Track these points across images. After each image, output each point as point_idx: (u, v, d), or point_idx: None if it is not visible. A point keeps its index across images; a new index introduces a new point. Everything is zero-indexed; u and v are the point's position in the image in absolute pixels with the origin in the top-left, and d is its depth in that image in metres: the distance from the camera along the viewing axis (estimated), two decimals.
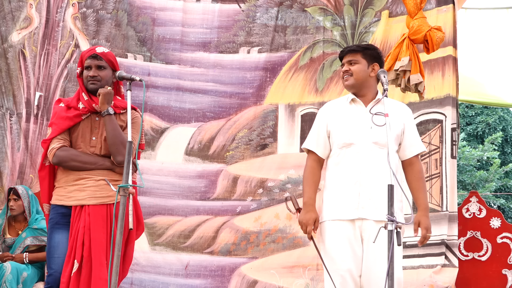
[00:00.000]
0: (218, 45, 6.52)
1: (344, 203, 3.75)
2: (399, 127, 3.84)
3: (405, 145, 3.87)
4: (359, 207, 3.70)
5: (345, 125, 3.83)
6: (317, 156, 3.94)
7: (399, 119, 3.86)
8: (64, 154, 3.96)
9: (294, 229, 6.15)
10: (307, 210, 3.83)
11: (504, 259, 5.90)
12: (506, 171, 15.66)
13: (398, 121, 3.84)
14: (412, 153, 3.88)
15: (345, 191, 3.76)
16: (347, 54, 3.92)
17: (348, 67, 3.89)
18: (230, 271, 6.16)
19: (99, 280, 3.78)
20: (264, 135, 6.40)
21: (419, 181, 3.86)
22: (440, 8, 6.07)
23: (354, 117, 3.84)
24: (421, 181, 3.87)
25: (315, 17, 6.46)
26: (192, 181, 6.35)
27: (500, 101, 8.07)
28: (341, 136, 3.84)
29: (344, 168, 3.81)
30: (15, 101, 6.11)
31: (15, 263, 5.48)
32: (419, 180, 3.87)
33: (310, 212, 3.81)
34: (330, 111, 3.96)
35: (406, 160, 3.89)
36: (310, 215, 3.80)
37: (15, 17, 6.19)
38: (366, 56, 3.90)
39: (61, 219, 3.97)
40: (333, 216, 3.78)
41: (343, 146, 3.82)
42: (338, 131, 3.86)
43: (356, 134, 3.79)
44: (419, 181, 3.86)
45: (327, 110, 3.99)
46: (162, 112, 6.42)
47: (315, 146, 3.95)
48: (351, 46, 4.02)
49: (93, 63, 4.02)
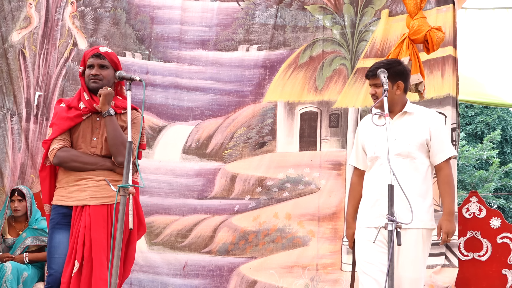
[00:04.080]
0: (217, 43, 6.51)
1: (369, 212, 4.01)
2: (424, 135, 4.00)
3: (434, 151, 4.03)
4: (380, 215, 3.89)
5: (372, 139, 4.07)
6: (359, 170, 4.25)
7: (425, 126, 4.02)
8: (64, 155, 3.98)
9: (293, 229, 6.14)
10: (347, 226, 4.27)
11: (504, 259, 5.90)
12: (505, 171, 15.69)
13: (423, 128, 4.01)
14: (440, 159, 4.03)
15: (370, 200, 4.03)
16: (371, 78, 4.06)
17: (374, 90, 4.06)
18: (229, 271, 6.15)
19: (100, 280, 3.80)
20: (262, 133, 6.38)
21: (445, 185, 4.03)
22: (440, 8, 6.06)
23: (380, 131, 3.96)
24: (447, 186, 4.03)
25: (315, 16, 6.45)
26: (190, 179, 6.33)
27: (500, 101, 8.08)
28: (369, 150, 4.10)
29: (371, 179, 4.06)
30: (16, 101, 6.10)
31: (15, 263, 5.49)
32: (446, 185, 4.03)
33: (348, 229, 4.24)
34: (364, 125, 4.22)
35: (436, 166, 4.06)
36: (348, 232, 4.24)
37: (15, 17, 6.18)
38: (389, 77, 3.97)
39: (62, 219, 4.00)
40: (361, 223, 4.08)
41: (372, 160, 4.07)
42: (367, 145, 4.13)
43: (380, 147, 3.97)
44: (445, 186, 4.03)
45: (362, 124, 4.27)
46: (160, 110, 6.40)
47: (355, 161, 4.27)
48: (372, 69, 4.08)
49: (95, 62, 4.06)
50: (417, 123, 4.02)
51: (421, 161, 3.98)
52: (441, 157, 4.01)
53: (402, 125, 4.04)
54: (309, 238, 6.10)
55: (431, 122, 4.04)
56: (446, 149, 4.03)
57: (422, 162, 3.99)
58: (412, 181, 3.93)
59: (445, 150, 4.02)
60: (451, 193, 4.02)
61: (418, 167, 3.97)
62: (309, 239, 6.10)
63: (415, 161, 3.96)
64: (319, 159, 6.26)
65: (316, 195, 6.20)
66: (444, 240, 3.97)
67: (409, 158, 3.94)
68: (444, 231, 3.96)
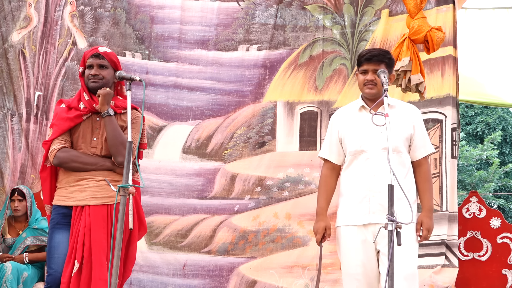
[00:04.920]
0: (217, 42, 6.51)
1: (356, 209, 3.86)
2: (409, 129, 3.93)
3: (415, 146, 3.95)
4: (370, 212, 3.82)
5: (356, 133, 3.93)
6: (331, 163, 4.08)
7: (409, 121, 3.95)
8: (64, 155, 3.98)
9: (293, 229, 6.14)
10: (318, 219, 4.02)
11: (504, 259, 5.90)
12: (505, 171, 15.69)
13: (408, 123, 3.94)
14: (421, 154, 3.96)
15: (357, 197, 3.88)
16: (374, 62, 3.93)
17: (374, 76, 3.92)
18: (229, 271, 6.14)
19: (99, 280, 3.80)
20: (262, 133, 6.38)
21: (425, 182, 3.95)
22: (440, 8, 6.06)
23: (363, 124, 3.90)
24: (427, 183, 3.96)
25: (315, 16, 6.45)
26: (190, 179, 6.33)
27: (500, 101, 8.08)
28: (352, 143, 3.94)
29: (356, 175, 3.91)
30: (16, 101, 6.09)
31: (15, 263, 5.49)
32: (426, 182, 3.95)
33: (320, 222, 4.00)
34: (341, 118, 4.06)
35: (415, 161, 3.97)
36: (319, 224, 3.99)
37: (15, 16, 6.17)
38: (387, 66, 3.95)
39: (62, 220, 4.00)
40: (346, 221, 3.91)
41: (355, 154, 3.92)
42: (349, 138, 3.96)
43: (366, 141, 3.88)
44: (425, 183, 3.95)
45: (338, 117, 4.08)
46: (159, 110, 6.40)
47: (328, 154, 4.08)
48: (376, 54, 3.97)
49: (95, 62, 4.07)
50: (401, 117, 3.92)
51: (405, 155, 3.90)
52: (422, 153, 3.95)
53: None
54: (309, 238, 6.09)
55: (414, 117, 3.97)
56: (427, 145, 3.98)
57: (406, 156, 3.91)
58: (400, 176, 3.77)
59: (426, 146, 3.97)
60: (430, 190, 3.96)
61: (404, 162, 3.89)
62: (309, 239, 6.10)
63: (402, 156, 3.88)
64: (319, 159, 6.25)
65: (316, 195, 6.16)
66: (425, 237, 3.88)
67: (396, 153, 3.83)
68: (425, 227, 3.87)
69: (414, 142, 3.94)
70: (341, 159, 4.05)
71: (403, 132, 3.90)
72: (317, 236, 3.99)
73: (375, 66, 3.92)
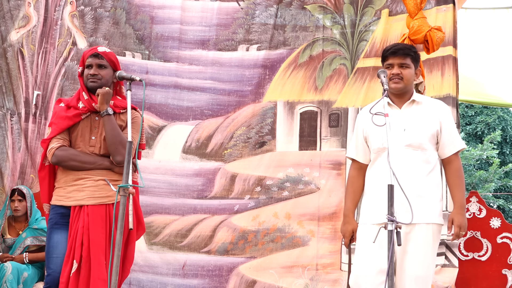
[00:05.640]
0: (217, 42, 6.51)
1: (376, 208, 3.81)
2: (434, 126, 3.87)
3: (443, 143, 3.89)
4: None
5: (379, 130, 3.79)
6: (358, 163, 4.04)
7: (435, 117, 3.88)
8: (63, 154, 3.99)
9: (293, 229, 6.14)
10: (344, 221, 4.02)
11: (504, 259, 5.90)
12: (505, 171, 15.67)
13: (434, 119, 3.87)
14: (450, 151, 3.90)
15: (377, 195, 3.82)
16: (400, 56, 3.89)
17: (400, 70, 3.88)
18: (228, 271, 6.14)
19: (98, 280, 3.81)
20: (262, 132, 6.38)
21: (456, 179, 3.89)
22: (440, 8, 6.05)
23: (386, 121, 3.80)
24: (458, 179, 3.90)
25: (315, 15, 6.44)
26: (189, 179, 6.33)
27: (500, 101, 8.08)
28: (375, 141, 3.89)
29: (378, 173, 3.87)
30: (16, 101, 6.09)
31: (15, 263, 5.49)
32: (457, 178, 3.89)
33: (347, 224, 4.00)
34: (365, 117, 3.99)
35: (445, 158, 3.92)
36: (346, 227, 4.00)
37: (13, 16, 6.17)
38: (414, 60, 3.91)
39: (60, 219, 4.00)
40: (365, 220, 3.89)
41: (378, 151, 3.88)
42: (372, 136, 3.91)
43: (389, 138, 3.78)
44: (456, 179, 3.89)
45: (362, 115, 4.04)
46: (159, 110, 6.40)
47: (355, 153, 4.04)
48: (402, 48, 3.94)
49: (94, 61, 4.08)
50: (427, 113, 3.86)
51: (431, 153, 3.83)
52: (451, 150, 3.88)
53: (412, 114, 3.88)
54: (308, 238, 6.09)
55: (441, 113, 3.91)
56: (456, 142, 3.90)
57: (432, 154, 3.84)
58: (423, 173, 3.77)
59: (455, 142, 3.90)
60: (461, 187, 3.88)
61: (428, 159, 3.82)
62: (308, 239, 6.10)
63: (426, 153, 3.81)
64: (319, 159, 6.26)
65: (316, 195, 6.19)
66: (457, 234, 3.82)
67: (420, 150, 3.78)
68: (456, 224, 3.82)
69: (442, 139, 3.88)
70: (367, 158, 3.99)
71: (428, 129, 3.84)
72: (345, 240, 3.99)
73: (401, 60, 3.88)
